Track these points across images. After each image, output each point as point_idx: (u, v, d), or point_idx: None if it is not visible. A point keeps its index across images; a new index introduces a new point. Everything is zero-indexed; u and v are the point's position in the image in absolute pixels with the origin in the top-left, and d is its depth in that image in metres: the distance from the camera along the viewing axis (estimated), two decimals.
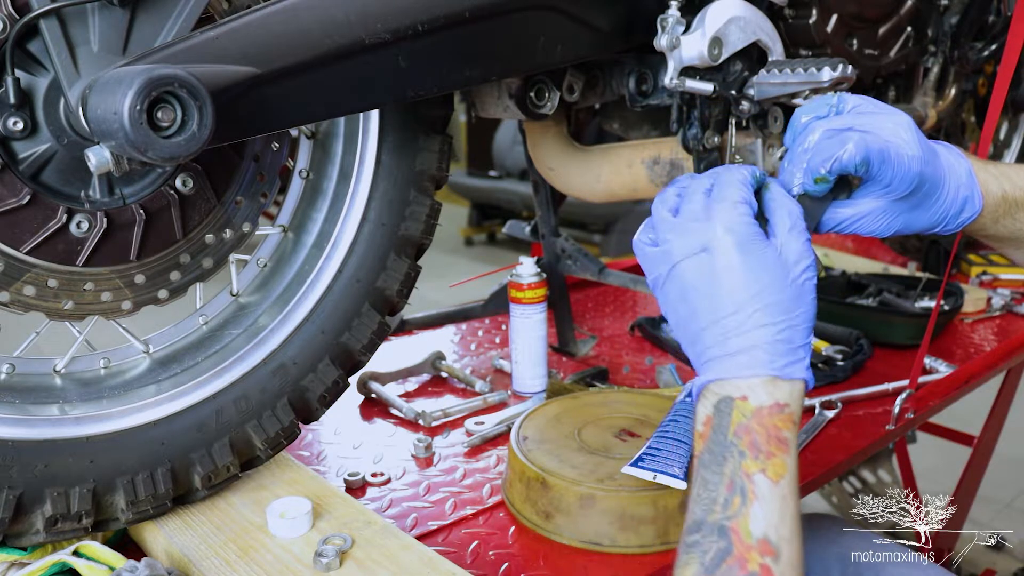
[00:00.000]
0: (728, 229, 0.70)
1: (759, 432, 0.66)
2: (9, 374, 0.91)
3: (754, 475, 0.64)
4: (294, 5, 0.81)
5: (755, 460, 0.65)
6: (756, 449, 0.65)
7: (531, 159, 1.40)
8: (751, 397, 0.67)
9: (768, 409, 0.66)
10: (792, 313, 0.69)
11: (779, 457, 0.65)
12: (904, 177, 0.74)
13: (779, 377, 0.67)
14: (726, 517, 0.63)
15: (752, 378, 0.67)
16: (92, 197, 0.88)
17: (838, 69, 1.04)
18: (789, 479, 0.64)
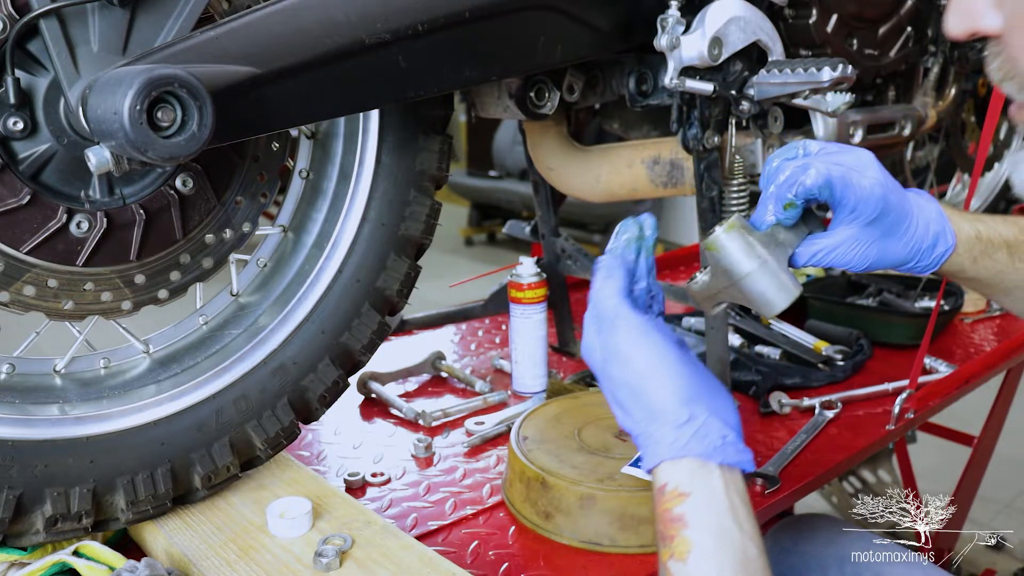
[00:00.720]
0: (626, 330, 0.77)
1: (659, 522, 0.71)
2: (9, 374, 0.91)
3: (667, 563, 0.69)
4: (294, 5, 0.81)
5: (665, 548, 0.69)
6: (662, 538, 0.70)
7: (531, 159, 1.40)
8: (654, 493, 0.73)
9: (656, 500, 0.72)
10: (633, 407, 0.75)
11: (678, 535, 0.68)
12: (867, 199, 0.77)
13: (652, 469, 0.73)
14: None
15: (653, 472, 0.74)
16: (92, 197, 0.88)
17: (838, 69, 1.04)
18: (697, 550, 0.67)
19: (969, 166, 2.14)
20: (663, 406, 0.73)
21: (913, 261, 0.82)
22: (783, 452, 1.16)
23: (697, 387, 0.74)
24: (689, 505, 0.69)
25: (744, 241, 0.78)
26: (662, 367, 0.74)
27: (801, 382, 1.38)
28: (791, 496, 1.09)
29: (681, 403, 0.72)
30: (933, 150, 2.09)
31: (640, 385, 0.74)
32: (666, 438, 0.72)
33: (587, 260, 1.54)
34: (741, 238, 0.78)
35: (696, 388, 0.73)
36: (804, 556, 1.20)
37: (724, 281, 0.80)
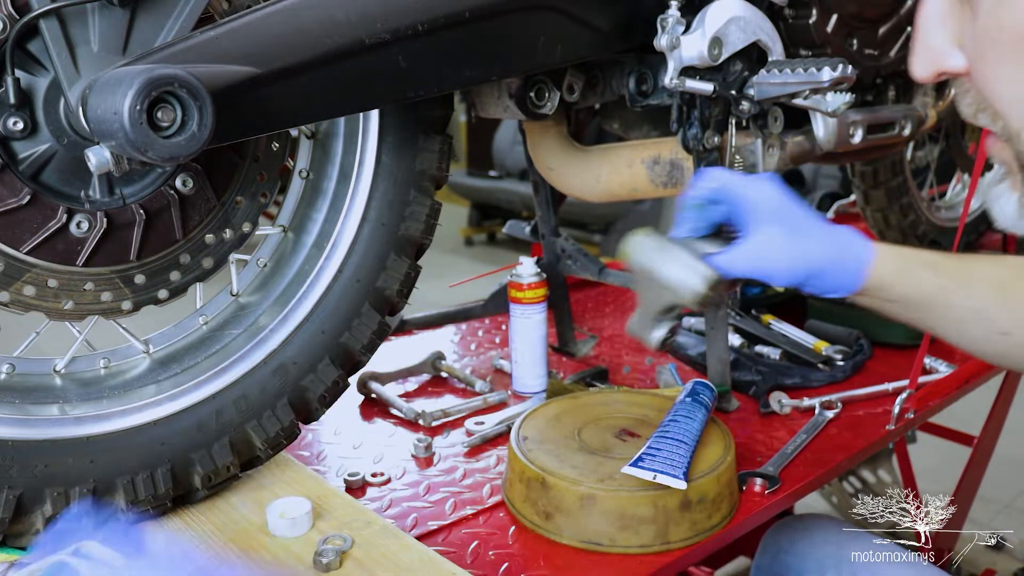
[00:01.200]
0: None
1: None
2: (9, 374, 0.91)
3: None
4: (294, 5, 0.81)
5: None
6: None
7: (531, 159, 1.40)
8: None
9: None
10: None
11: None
12: (764, 195, 0.86)
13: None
14: None
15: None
16: (92, 197, 0.88)
17: (838, 69, 1.04)
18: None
19: (969, 166, 2.14)
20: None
21: (839, 258, 0.86)
22: (783, 452, 1.16)
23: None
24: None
25: (654, 236, 0.87)
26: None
27: (801, 382, 1.38)
28: (791, 496, 1.09)
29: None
30: (933, 150, 2.09)
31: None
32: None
33: (587, 260, 1.54)
34: (651, 235, 0.87)
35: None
36: (801, 556, 1.21)
37: (645, 282, 0.87)
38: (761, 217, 0.85)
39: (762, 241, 0.85)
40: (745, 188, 0.86)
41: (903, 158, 2.00)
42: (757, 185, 0.86)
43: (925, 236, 2.12)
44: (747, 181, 0.86)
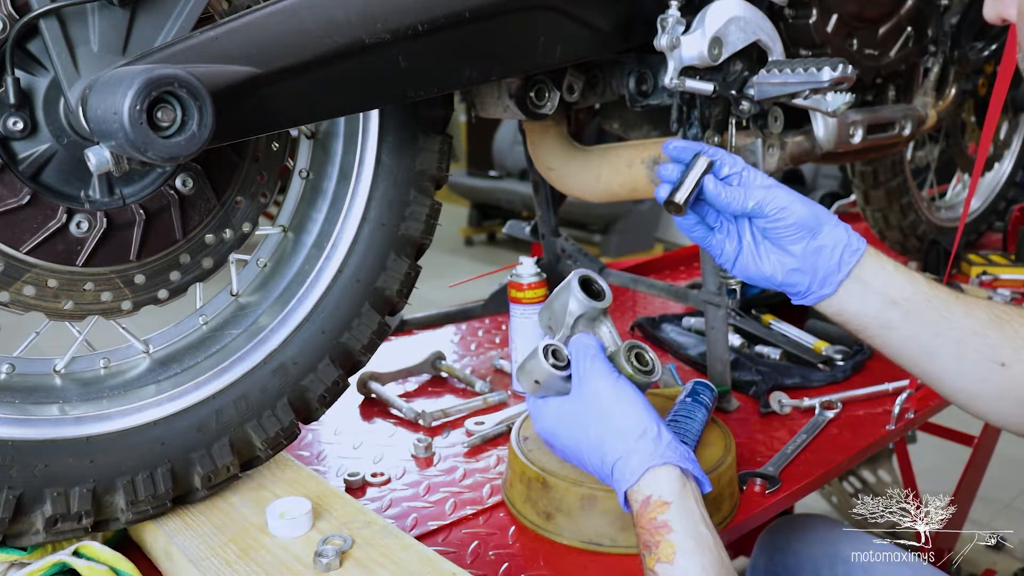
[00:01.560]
0: (550, 411, 0.85)
1: (643, 531, 0.76)
2: (9, 374, 0.91)
3: (655, 567, 0.74)
4: (294, 5, 0.81)
5: (650, 555, 0.74)
6: (647, 547, 0.75)
7: (531, 159, 1.40)
8: (633, 507, 0.78)
9: (639, 510, 0.77)
10: (602, 430, 0.80)
11: (664, 540, 0.74)
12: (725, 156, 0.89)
13: (632, 486, 0.77)
14: None
15: (622, 496, 0.79)
16: (92, 197, 0.88)
17: (838, 69, 1.04)
18: (681, 551, 0.73)
19: (969, 166, 2.14)
20: (636, 427, 0.80)
21: (829, 224, 0.86)
22: (783, 452, 1.16)
23: (653, 412, 0.82)
24: (671, 513, 0.75)
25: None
26: (627, 398, 0.83)
27: (801, 382, 1.38)
28: (791, 496, 1.09)
29: (652, 421, 0.81)
30: (933, 150, 2.09)
31: (612, 414, 0.81)
32: (646, 448, 0.78)
33: (587, 260, 1.54)
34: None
35: (653, 413, 0.82)
36: (797, 556, 1.21)
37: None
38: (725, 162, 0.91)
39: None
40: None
41: (903, 158, 2.00)
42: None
43: (925, 236, 2.12)
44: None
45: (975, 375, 0.86)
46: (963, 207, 1.63)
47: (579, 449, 0.82)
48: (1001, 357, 0.84)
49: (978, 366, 0.85)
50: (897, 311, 0.86)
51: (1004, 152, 2.36)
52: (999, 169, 2.39)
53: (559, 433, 0.84)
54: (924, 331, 0.86)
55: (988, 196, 2.39)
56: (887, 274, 0.87)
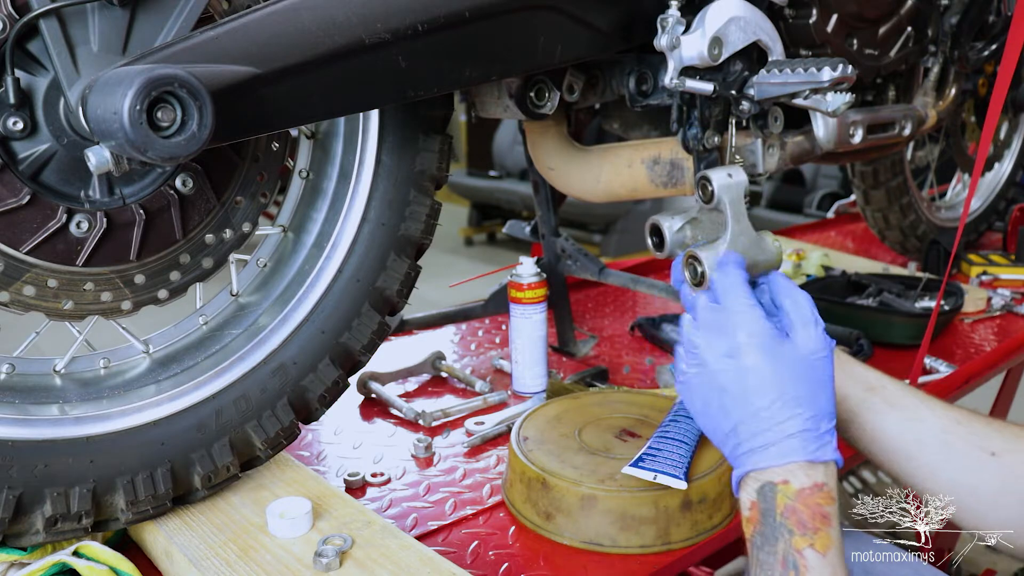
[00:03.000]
0: (750, 334, 0.77)
1: (804, 511, 0.72)
2: (9, 374, 0.91)
3: (804, 550, 0.70)
4: (294, 5, 0.81)
5: (803, 536, 0.71)
6: (803, 527, 0.71)
7: (531, 159, 1.40)
8: (792, 481, 0.73)
9: (809, 490, 0.73)
10: (816, 402, 0.75)
11: (824, 531, 0.71)
12: None
13: (813, 461, 0.73)
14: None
15: (789, 464, 0.73)
16: (92, 197, 0.88)
17: (838, 69, 1.04)
18: (836, 550, 0.71)
19: (969, 166, 2.14)
20: (826, 408, 0.75)
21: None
22: None
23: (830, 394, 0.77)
24: (834, 511, 0.73)
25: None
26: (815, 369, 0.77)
27: None
28: None
29: (832, 400, 0.76)
30: (933, 150, 2.09)
31: (812, 382, 0.76)
32: (831, 438, 0.75)
33: (587, 260, 1.54)
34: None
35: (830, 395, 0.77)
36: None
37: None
38: None
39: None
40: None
41: (903, 158, 2.00)
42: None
43: (925, 236, 2.12)
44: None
45: (965, 464, 0.84)
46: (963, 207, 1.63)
47: (742, 385, 0.76)
48: (991, 446, 0.83)
49: (967, 456, 0.84)
50: (876, 398, 0.86)
51: (1004, 152, 2.36)
52: (999, 169, 2.39)
53: (751, 357, 0.76)
54: (906, 416, 0.85)
55: (988, 196, 2.39)
56: (857, 368, 0.88)
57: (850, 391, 0.87)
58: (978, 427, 0.84)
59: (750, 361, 0.76)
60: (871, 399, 0.86)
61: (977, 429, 0.84)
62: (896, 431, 0.86)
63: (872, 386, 0.86)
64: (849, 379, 0.87)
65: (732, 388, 0.77)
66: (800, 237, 2.50)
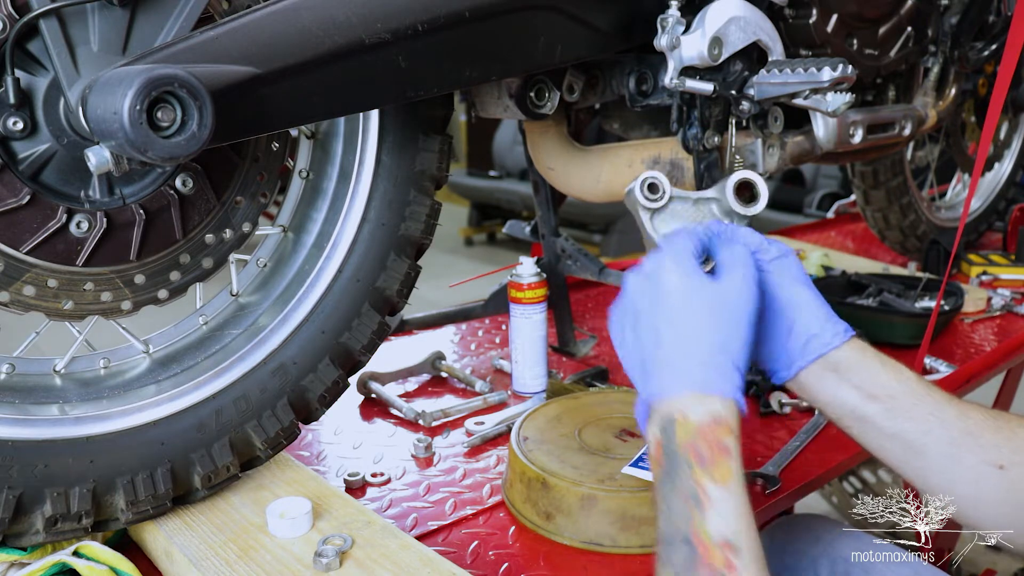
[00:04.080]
0: (673, 259, 0.77)
1: (702, 444, 0.70)
2: (9, 374, 0.91)
3: (703, 482, 0.69)
4: (294, 5, 0.81)
5: (702, 469, 0.70)
6: (701, 459, 0.70)
7: (531, 159, 1.40)
8: (690, 415, 0.72)
9: (708, 424, 0.71)
10: (724, 338, 0.74)
11: (723, 463, 0.70)
12: None
13: (711, 394, 0.72)
14: (687, 526, 0.68)
15: (686, 394, 0.72)
16: (92, 197, 0.88)
17: (838, 69, 1.04)
18: (736, 481, 0.69)
19: (969, 166, 2.14)
20: (739, 350, 0.74)
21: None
22: (783, 452, 1.16)
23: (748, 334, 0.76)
24: (734, 444, 0.71)
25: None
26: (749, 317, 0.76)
27: None
28: (791, 496, 1.09)
29: (744, 346, 0.75)
30: (933, 150, 2.09)
31: (731, 319, 0.75)
32: (736, 377, 0.74)
33: (587, 260, 1.54)
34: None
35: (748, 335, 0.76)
36: (797, 555, 1.20)
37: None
38: None
39: None
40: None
41: (903, 158, 2.00)
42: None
43: (925, 236, 2.12)
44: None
45: (969, 477, 0.81)
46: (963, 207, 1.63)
47: (655, 316, 0.76)
48: (999, 459, 0.80)
49: (972, 469, 0.81)
50: (877, 407, 0.83)
51: (1004, 152, 2.36)
52: (999, 169, 2.39)
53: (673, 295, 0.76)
54: (911, 429, 0.82)
55: (988, 196, 2.39)
56: (869, 370, 0.84)
57: (840, 398, 0.83)
58: (989, 439, 0.81)
59: (666, 283, 0.76)
60: (864, 409, 0.83)
61: (988, 441, 0.81)
62: (892, 444, 0.83)
63: (874, 395, 0.83)
64: (841, 385, 0.84)
65: (647, 313, 0.77)
66: (800, 237, 2.50)
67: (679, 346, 0.75)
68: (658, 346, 0.75)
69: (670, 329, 0.75)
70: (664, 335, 0.75)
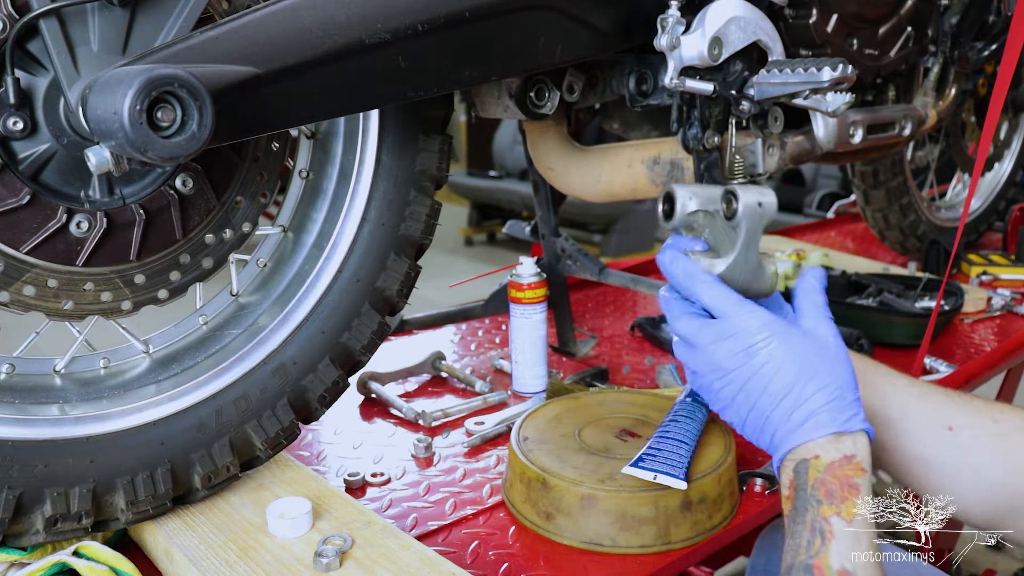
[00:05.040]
0: (760, 327, 0.79)
1: (832, 482, 0.74)
2: (9, 374, 0.91)
3: (830, 518, 0.72)
4: (294, 5, 0.81)
5: (830, 505, 0.73)
6: (831, 496, 0.73)
7: (531, 159, 1.40)
8: (822, 454, 0.75)
9: (839, 461, 0.74)
10: (836, 375, 0.77)
11: (851, 500, 0.73)
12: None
13: (842, 432, 0.75)
14: (809, 557, 0.71)
15: (819, 439, 0.75)
16: (92, 197, 0.88)
17: (838, 69, 1.04)
18: (861, 520, 0.72)
19: (969, 166, 2.14)
20: (846, 378, 0.78)
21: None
22: None
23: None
24: (864, 481, 0.74)
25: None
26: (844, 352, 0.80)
27: None
28: None
29: (851, 376, 0.78)
30: (933, 150, 2.09)
31: (838, 356, 0.79)
32: (859, 409, 0.77)
33: (587, 260, 1.54)
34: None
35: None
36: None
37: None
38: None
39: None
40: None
41: (903, 158, 2.00)
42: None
43: (925, 236, 2.12)
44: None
45: (924, 437, 0.85)
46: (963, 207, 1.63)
47: (763, 378, 0.78)
48: (948, 420, 0.84)
49: (921, 429, 0.85)
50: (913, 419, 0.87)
51: (1004, 152, 2.36)
52: (999, 169, 2.39)
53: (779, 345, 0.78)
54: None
55: (988, 196, 2.39)
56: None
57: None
58: (939, 401, 0.85)
59: (765, 351, 0.78)
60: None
61: (938, 403, 0.85)
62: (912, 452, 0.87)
63: None
64: None
65: (753, 385, 0.78)
66: (800, 237, 2.50)
67: (799, 396, 0.77)
68: (779, 404, 0.77)
69: (783, 384, 0.77)
70: (779, 391, 0.78)
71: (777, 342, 0.78)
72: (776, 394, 0.77)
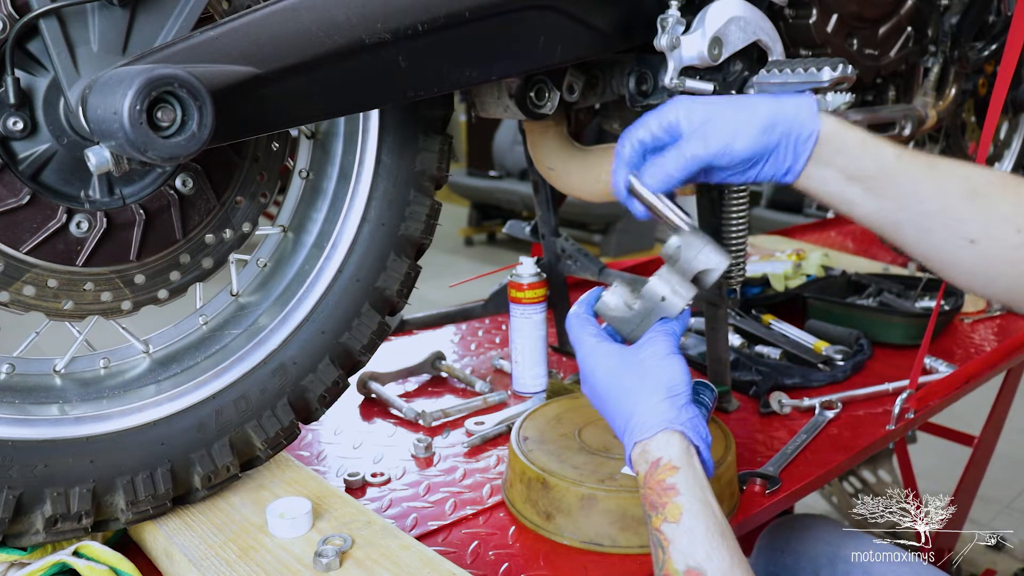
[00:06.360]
0: (593, 353, 0.84)
1: (650, 493, 0.77)
2: (9, 374, 0.91)
3: (660, 527, 0.75)
4: (294, 5, 0.81)
5: (657, 515, 0.76)
6: (654, 507, 0.76)
7: (531, 159, 1.40)
8: (639, 469, 0.78)
9: (649, 471, 0.77)
10: (635, 389, 0.80)
11: (671, 502, 0.75)
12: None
13: (643, 440, 0.78)
14: (660, 569, 0.75)
15: (634, 455, 0.79)
16: (92, 197, 0.88)
17: (838, 69, 1.04)
18: (688, 513, 0.75)
19: None
20: (667, 388, 0.80)
21: (792, 112, 0.82)
22: (783, 452, 1.16)
23: (688, 384, 0.82)
24: (680, 477, 0.76)
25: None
26: (672, 363, 0.82)
27: (801, 382, 1.38)
28: (791, 496, 1.09)
29: (684, 388, 0.81)
30: (933, 150, 2.09)
31: (650, 370, 0.82)
32: (669, 412, 0.79)
33: (587, 260, 1.54)
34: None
35: (688, 385, 0.82)
36: (796, 555, 1.21)
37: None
38: (697, 114, 0.83)
39: (707, 124, 0.82)
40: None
41: None
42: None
43: None
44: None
45: (943, 250, 0.83)
46: None
47: (609, 394, 0.82)
48: (970, 233, 0.81)
49: (946, 242, 0.82)
50: (857, 187, 0.84)
51: (1004, 152, 2.36)
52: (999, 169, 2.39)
53: (599, 378, 0.84)
54: (888, 207, 0.83)
55: None
56: (847, 154, 0.84)
57: (827, 186, 0.85)
58: (964, 213, 0.81)
59: (586, 371, 0.84)
60: (847, 192, 0.84)
61: (962, 215, 0.81)
62: (874, 219, 0.85)
63: (854, 176, 0.84)
64: (826, 174, 0.84)
65: (597, 399, 0.84)
66: (800, 237, 2.50)
67: (611, 417, 0.82)
68: (612, 419, 0.83)
69: (610, 401, 0.83)
70: (611, 409, 0.83)
71: (609, 364, 0.83)
72: (610, 412, 0.83)
